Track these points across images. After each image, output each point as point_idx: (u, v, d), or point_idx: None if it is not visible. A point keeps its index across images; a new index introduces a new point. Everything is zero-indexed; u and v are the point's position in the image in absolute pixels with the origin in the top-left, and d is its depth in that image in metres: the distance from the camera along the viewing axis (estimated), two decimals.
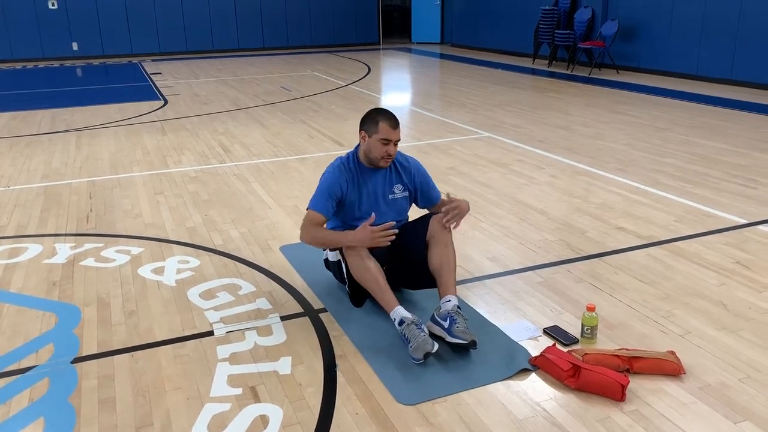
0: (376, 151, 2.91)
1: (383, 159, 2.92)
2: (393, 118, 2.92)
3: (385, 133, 2.87)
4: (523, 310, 2.98)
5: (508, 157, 5.69)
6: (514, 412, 2.27)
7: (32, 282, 3.40)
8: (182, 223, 4.21)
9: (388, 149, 2.90)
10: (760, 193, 4.58)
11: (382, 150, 2.90)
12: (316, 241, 2.96)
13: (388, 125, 2.88)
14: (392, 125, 2.89)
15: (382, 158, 2.92)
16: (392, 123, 2.90)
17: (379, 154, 2.90)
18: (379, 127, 2.88)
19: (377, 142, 2.89)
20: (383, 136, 2.88)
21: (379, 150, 2.90)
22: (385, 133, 2.87)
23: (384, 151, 2.90)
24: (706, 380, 2.41)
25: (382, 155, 2.91)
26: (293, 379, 2.49)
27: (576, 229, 3.97)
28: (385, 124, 2.88)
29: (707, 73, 9.57)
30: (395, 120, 2.92)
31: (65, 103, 9.07)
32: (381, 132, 2.88)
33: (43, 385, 2.48)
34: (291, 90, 9.90)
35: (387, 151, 2.90)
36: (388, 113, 2.95)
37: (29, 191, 4.99)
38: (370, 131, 2.92)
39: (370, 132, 2.92)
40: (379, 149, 2.90)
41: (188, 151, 6.16)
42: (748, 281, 3.22)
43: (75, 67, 13.75)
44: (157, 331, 2.87)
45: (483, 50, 14.82)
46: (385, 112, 2.95)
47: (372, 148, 2.92)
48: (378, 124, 2.89)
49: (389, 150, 2.90)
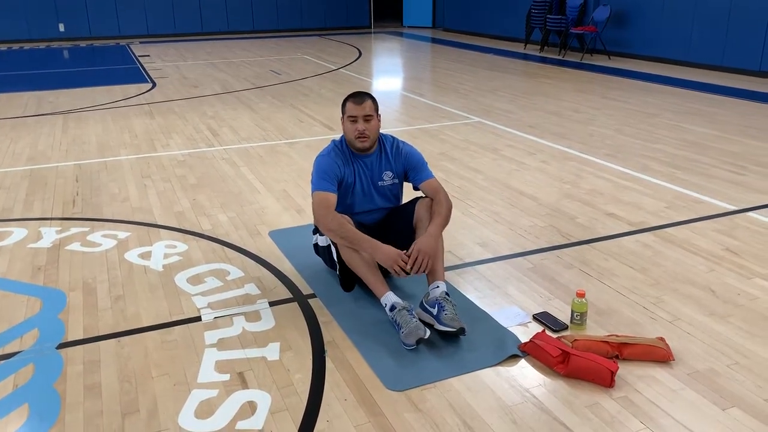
0: (349, 132, 2.91)
1: (357, 139, 2.89)
2: (358, 95, 2.92)
3: (351, 110, 2.89)
4: (512, 296, 2.97)
5: (499, 143, 5.66)
6: (503, 398, 2.26)
7: (17, 266, 3.35)
8: (170, 207, 4.17)
9: (357, 126, 2.88)
10: (749, 179, 4.58)
11: (352, 129, 2.89)
12: (341, 231, 2.76)
13: (351, 102, 2.90)
14: (356, 101, 2.89)
15: (356, 138, 2.89)
16: (356, 99, 2.90)
17: (352, 133, 2.90)
18: (346, 107, 2.91)
19: (347, 121, 2.91)
20: (349, 113, 2.89)
21: (350, 130, 2.90)
22: (350, 110, 2.89)
23: (354, 129, 2.88)
24: (695, 366, 2.42)
25: (355, 134, 2.89)
26: (282, 365, 2.47)
27: (566, 214, 3.96)
28: (350, 101, 2.91)
29: (699, 60, 9.56)
30: (361, 96, 2.92)
31: (51, 86, 8.94)
32: (348, 110, 2.90)
33: (28, 371, 2.45)
34: (281, 74, 9.81)
35: (356, 128, 2.88)
36: (357, 92, 2.95)
37: (14, 174, 4.92)
38: (342, 114, 2.95)
39: (342, 115, 2.95)
40: (350, 129, 2.90)
41: (176, 134, 6.10)
42: (737, 268, 3.22)
43: (62, 48, 13.56)
44: (144, 317, 2.84)
45: (475, 35, 14.74)
46: (352, 93, 2.95)
47: (346, 131, 2.93)
48: (345, 104, 2.92)
49: (358, 127, 2.88)
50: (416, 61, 11.82)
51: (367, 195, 3.03)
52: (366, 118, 2.88)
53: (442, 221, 2.84)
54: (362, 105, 2.88)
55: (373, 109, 2.91)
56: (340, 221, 2.79)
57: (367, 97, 2.91)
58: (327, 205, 2.83)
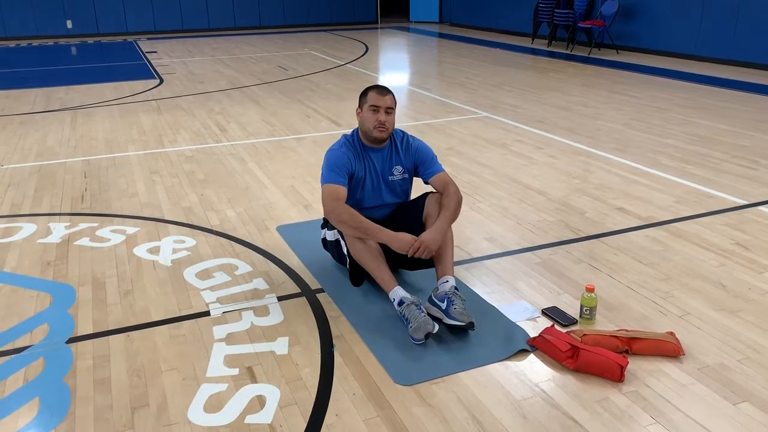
0: (368, 122, 2.91)
1: (376, 129, 2.90)
2: (382, 87, 2.96)
3: (373, 99, 2.90)
4: (521, 291, 2.96)
5: (507, 137, 5.64)
6: (512, 392, 2.25)
7: (26, 261, 3.37)
8: (178, 202, 4.17)
9: (378, 117, 2.88)
10: (760, 174, 4.55)
11: (372, 118, 2.89)
12: (353, 221, 2.76)
13: (375, 92, 2.93)
14: (380, 92, 2.92)
15: (375, 128, 2.90)
16: (380, 90, 2.94)
17: (371, 123, 2.90)
18: (368, 96, 2.93)
19: (368, 110, 2.91)
20: (371, 102, 2.90)
21: (370, 119, 2.90)
22: (373, 99, 2.90)
23: (375, 119, 2.89)
24: (706, 361, 2.40)
25: (374, 124, 2.89)
26: (290, 359, 2.47)
27: (575, 209, 3.94)
28: (373, 92, 2.94)
29: (708, 53, 9.49)
30: (384, 88, 2.96)
31: (60, 82, 8.97)
32: (369, 100, 2.92)
33: (38, 365, 2.46)
34: (288, 69, 9.80)
35: (378, 119, 2.88)
36: (378, 85, 2.99)
37: (23, 170, 4.93)
38: (361, 104, 2.96)
39: (361, 104, 2.96)
40: (371, 118, 2.90)
41: (184, 130, 6.10)
42: (747, 262, 3.20)
43: (69, 45, 13.60)
44: (152, 311, 2.84)
45: (482, 30, 14.68)
46: (375, 85, 2.99)
47: (365, 120, 2.93)
48: (367, 94, 2.95)
49: (379, 117, 2.88)
50: (423, 56, 11.79)
51: (377, 190, 3.03)
52: (387, 111, 2.90)
53: (450, 215, 2.83)
54: (385, 97, 2.91)
55: (393, 103, 2.94)
56: (351, 212, 2.79)
57: (389, 91, 2.95)
58: (337, 197, 2.83)
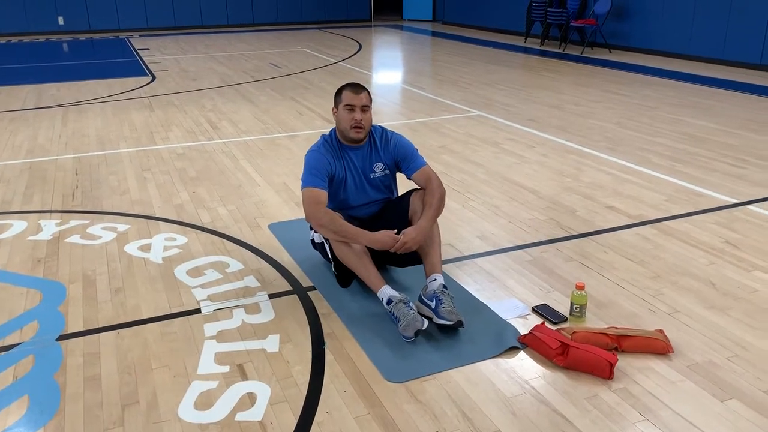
0: (344, 121, 2.88)
1: (353, 129, 2.87)
2: (356, 84, 2.92)
3: (348, 98, 2.87)
4: (512, 289, 2.97)
5: (499, 136, 5.66)
6: (502, 389, 2.26)
7: (17, 259, 3.35)
8: (169, 200, 4.16)
9: (354, 116, 2.85)
10: (749, 172, 4.58)
11: (348, 117, 2.86)
12: (333, 225, 2.75)
13: (350, 91, 2.89)
14: (354, 90, 2.88)
15: (351, 128, 2.87)
16: (354, 88, 2.89)
17: (348, 123, 2.87)
18: (343, 95, 2.90)
19: (343, 110, 2.88)
20: (347, 101, 2.87)
21: (346, 118, 2.87)
22: (348, 98, 2.87)
23: (351, 118, 2.85)
24: (694, 359, 2.42)
25: (351, 123, 2.86)
26: (281, 356, 2.47)
27: (566, 207, 3.96)
28: (348, 90, 2.90)
29: (699, 53, 9.53)
30: (359, 86, 2.92)
31: (51, 79, 8.92)
32: (344, 99, 2.88)
33: (28, 363, 2.45)
34: (280, 67, 9.79)
35: (353, 118, 2.85)
36: (353, 83, 2.95)
37: (13, 167, 4.91)
38: (336, 103, 2.93)
39: (337, 104, 2.93)
40: (346, 117, 2.87)
41: (176, 127, 6.09)
42: (736, 260, 3.22)
43: (61, 41, 13.52)
44: (143, 309, 2.84)
45: (475, 28, 14.70)
46: (349, 83, 2.95)
47: (341, 119, 2.90)
48: (342, 93, 2.91)
49: (355, 116, 2.85)
50: (416, 54, 11.79)
51: (360, 188, 3.00)
52: (363, 109, 2.87)
53: (433, 213, 2.82)
54: (360, 95, 2.87)
55: (369, 100, 2.91)
56: (331, 215, 2.77)
57: (363, 89, 2.91)
58: (317, 201, 2.80)
